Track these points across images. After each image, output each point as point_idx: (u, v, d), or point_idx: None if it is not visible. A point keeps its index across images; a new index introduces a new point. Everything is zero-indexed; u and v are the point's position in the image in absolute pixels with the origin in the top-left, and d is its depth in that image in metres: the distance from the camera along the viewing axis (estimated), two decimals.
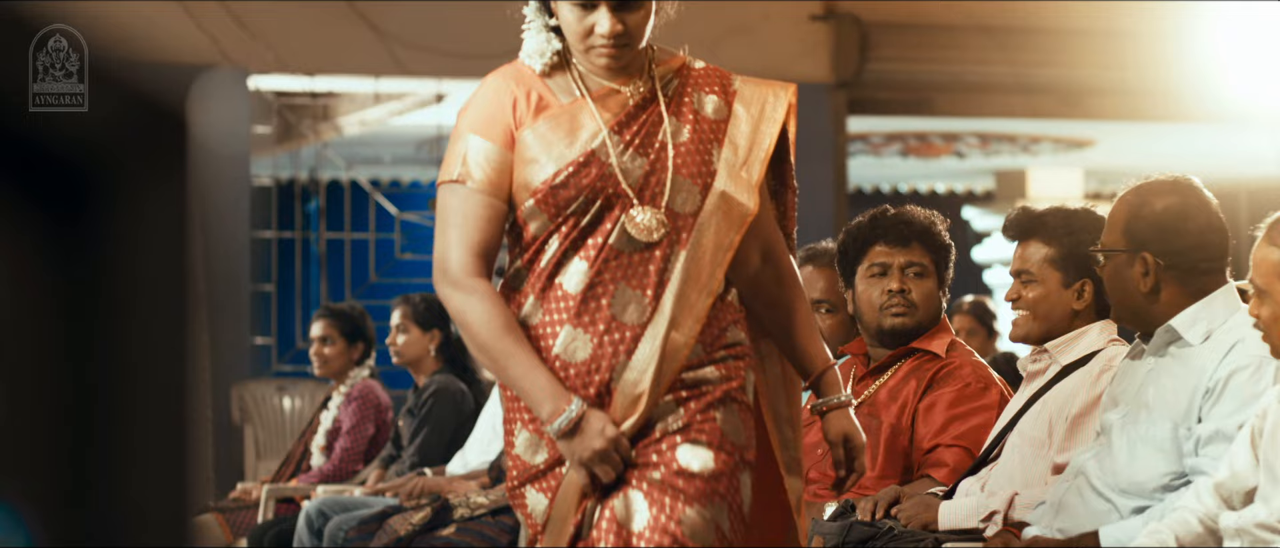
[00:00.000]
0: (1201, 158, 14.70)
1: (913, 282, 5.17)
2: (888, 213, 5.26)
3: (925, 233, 5.21)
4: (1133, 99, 12.81)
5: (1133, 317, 4.34)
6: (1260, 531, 3.81)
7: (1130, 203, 4.32)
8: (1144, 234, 4.28)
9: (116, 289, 1.27)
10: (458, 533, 6.76)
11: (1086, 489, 4.26)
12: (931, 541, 4.51)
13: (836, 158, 12.44)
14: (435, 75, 12.23)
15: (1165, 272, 4.26)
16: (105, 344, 1.26)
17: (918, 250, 5.19)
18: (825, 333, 5.59)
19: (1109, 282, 4.36)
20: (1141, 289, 4.27)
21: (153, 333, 1.29)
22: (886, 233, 5.20)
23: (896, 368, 5.18)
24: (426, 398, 7.83)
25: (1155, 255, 4.26)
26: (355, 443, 8.16)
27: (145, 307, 1.29)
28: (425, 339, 7.95)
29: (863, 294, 5.21)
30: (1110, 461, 4.24)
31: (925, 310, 5.18)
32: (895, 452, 5.06)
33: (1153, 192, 4.32)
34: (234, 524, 8.03)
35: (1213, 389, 4.12)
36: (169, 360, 1.30)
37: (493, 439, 7.40)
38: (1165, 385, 4.21)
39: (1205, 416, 4.13)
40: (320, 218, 14.82)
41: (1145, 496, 4.16)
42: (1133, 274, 4.28)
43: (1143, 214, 4.29)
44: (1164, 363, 4.26)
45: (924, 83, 12.91)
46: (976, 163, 17.27)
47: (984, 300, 10.29)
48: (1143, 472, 4.18)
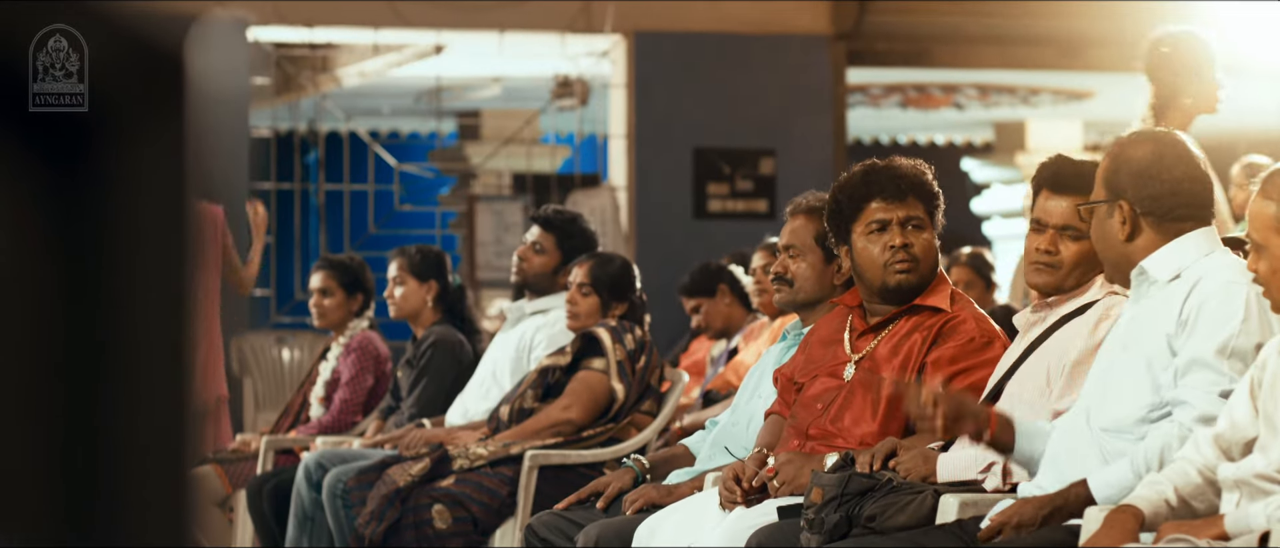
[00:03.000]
0: None
1: (913, 235, 5.15)
2: (877, 167, 5.21)
3: (919, 185, 5.20)
4: (1132, 50, 12.77)
5: (1115, 268, 4.39)
6: (1259, 481, 3.81)
7: (1112, 155, 4.39)
8: (1122, 183, 4.33)
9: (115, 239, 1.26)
10: (457, 484, 6.76)
11: (1071, 436, 4.30)
12: (930, 492, 4.52)
13: (836, 110, 12.43)
14: (434, 27, 12.21)
15: (1141, 217, 4.30)
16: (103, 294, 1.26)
17: (914, 203, 5.17)
18: (810, 281, 5.58)
19: (1094, 237, 4.41)
20: (1119, 237, 4.31)
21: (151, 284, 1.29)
22: (883, 188, 5.15)
23: (896, 323, 5.17)
24: (425, 349, 7.84)
25: (1131, 202, 4.30)
26: (354, 394, 8.16)
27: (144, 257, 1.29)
28: (422, 291, 7.95)
29: (863, 251, 5.16)
30: (1089, 403, 4.29)
31: (927, 263, 5.17)
32: (897, 407, 5.06)
33: (1132, 143, 4.40)
34: (233, 476, 8.05)
35: (1185, 322, 4.15)
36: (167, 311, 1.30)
37: (492, 387, 7.41)
38: (1139, 326, 4.26)
39: (1179, 349, 4.17)
40: (319, 169, 14.81)
41: (1126, 431, 4.20)
42: (1112, 224, 4.32)
43: (1120, 165, 4.36)
44: (1141, 309, 4.30)
45: (923, 34, 12.89)
46: (976, 114, 17.25)
47: (982, 252, 10.28)
48: (1120, 407, 4.22)
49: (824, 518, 4.50)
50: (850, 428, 5.07)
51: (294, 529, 7.35)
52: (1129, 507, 3.93)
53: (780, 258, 5.68)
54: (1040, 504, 4.17)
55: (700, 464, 5.68)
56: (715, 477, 5.24)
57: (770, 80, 12.28)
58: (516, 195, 14.90)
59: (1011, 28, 12.79)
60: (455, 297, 8.04)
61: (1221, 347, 4.11)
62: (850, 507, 4.51)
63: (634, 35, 12.21)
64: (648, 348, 6.95)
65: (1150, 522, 3.91)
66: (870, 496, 4.52)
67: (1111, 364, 4.31)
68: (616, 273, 6.98)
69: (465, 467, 6.80)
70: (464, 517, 6.75)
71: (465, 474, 6.79)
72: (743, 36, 12.26)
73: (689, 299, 8.93)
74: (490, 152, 15.20)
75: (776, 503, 4.85)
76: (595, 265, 6.99)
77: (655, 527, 5.12)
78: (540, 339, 7.36)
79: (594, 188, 12.83)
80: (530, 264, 7.41)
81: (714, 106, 12.27)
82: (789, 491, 4.90)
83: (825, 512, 4.50)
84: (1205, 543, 3.73)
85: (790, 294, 5.65)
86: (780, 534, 4.66)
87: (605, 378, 6.85)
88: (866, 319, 5.23)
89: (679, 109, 12.24)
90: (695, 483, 5.44)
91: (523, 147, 15.07)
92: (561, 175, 15.05)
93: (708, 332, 8.96)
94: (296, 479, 7.37)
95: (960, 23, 12.82)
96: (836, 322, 5.32)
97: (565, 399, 6.85)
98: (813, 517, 4.52)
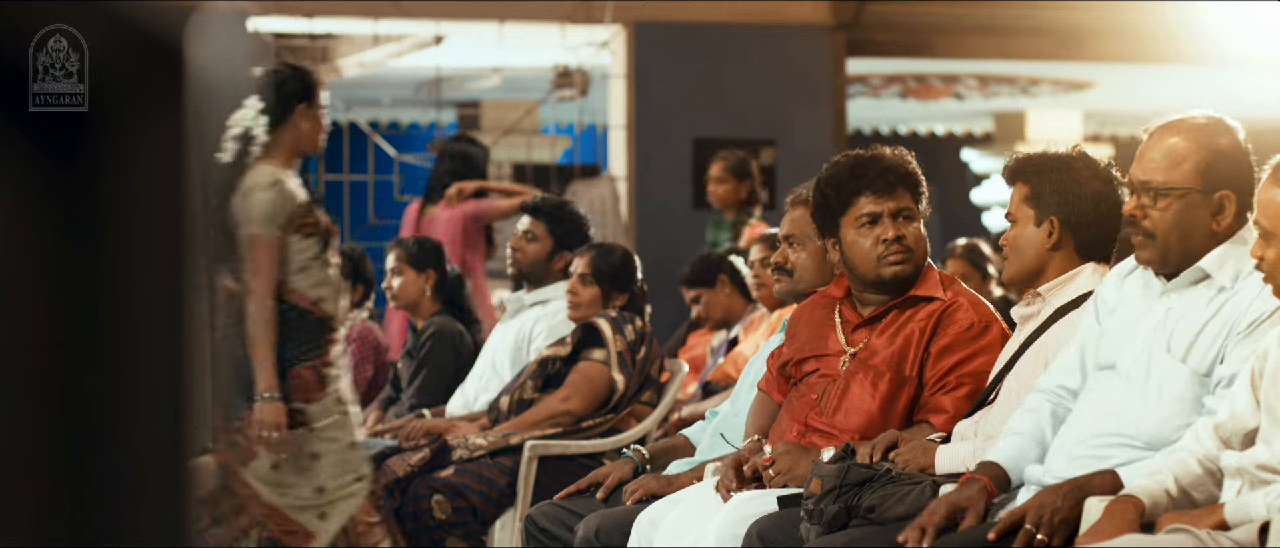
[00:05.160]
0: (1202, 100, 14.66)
1: (904, 226, 5.15)
2: (864, 159, 5.18)
3: (908, 177, 5.19)
4: (1132, 41, 12.78)
5: (1181, 255, 4.22)
6: (1261, 471, 3.81)
7: (1197, 140, 4.26)
8: (1225, 172, 4.23)
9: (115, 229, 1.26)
10: (456, 474, 6.77)
11: (1100, 434, 4.22)
12: (929, 483, 4.52)
13: (836, 100, 12.42)
14: (434, 17, 12.21)
15: (1236, 216, 4.21)
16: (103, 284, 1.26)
17: (902, 194, 5.16)
18: (810, 270, 5.58)
19: (1171, 221, 4.23)
20: (1209, 228, 4.22)
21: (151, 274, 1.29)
22: (872, 182, 5.13)
23: (891, 315, 5.17)
24: (425, 339, 7.84)
25: (1238, 198, 4.20)
26: (354, 384, 8.17)
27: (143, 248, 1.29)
28: (421, 280, 7.96)
29: (854, 245, 5.14)
30: (1126, 403, 4.22)
31: (919, 252, 5.17)
32: (896, 399, 5.06)
33: (1213, 131, 4.27)
34: None
35: (1244, 331, 4.08)
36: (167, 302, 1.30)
37: (492, 378, 7.41)
38: (1188, 331, 4.17)
39: (1228, 354, 4.10)
40: (319, 160, 14.80)
41: (1164, 446, 4.12)
42: (1203, 214, 4.22)
43: (1222, 159, 4.23)
44: (1185, 302, 4.22)
45: (923, 24, 12.88)
46: (976, 105, 17.25)
47: (977, 243, 10.28)
48: (1165, 423, 4.14)
49: (823, 509, 4.50)
50: (847, 420, 5.07)
51: None
52: (1129, 497, 3.93)
53: (780, 248, 5.67)
54: (1067, 491, 4.10)
55: (700, 455, 5.68)
56: (715, 467, 5.24)
57: (770, 71, 12.28)
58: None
59: (1011, 18, 12.78)
60: (454, 286, 8.05)
61: None
62: (849, 498, 4.51)
63: (634, 26, 12.21)
64: (648, 339, 6.95)
65: (1150, 512, 3.90)
66: (869, 486, 4.52)
67: (1153, 365, 4.20)
68: (618, 263, 6.99)
69: (465, 457, 6.81)
70: (463, 507, 6.76)
71: (465, 465, 6.80)
72: (743, 27, 12.25)
73: (689, 290, 8.93)
74: (490, 142, 15.19)
75: (777, 493, 4.85)
76: (597, 256, 7.00)
77: (655, 517, 5.12)
78: (540, 330, 7.37)
79: (594, 178, 12.83)
80: (524, 254, 7.42)
81: (714, 97, 12.27)
82: (785, 481, 4.90)
83: (824, 503, 4.50)
84: (1205, 533, 3.73)
85: (791, 284, 5.65)
86: (781, 524, 4.66)
87: (605, 369, 6.86)
88: (859, 311, 5.22)
89: (679, 100, 12.24)
90: (695, 474, 5.44)
91: (522, 137, 15.07)
92: (561, 166, 15.04)
93: (707, 323, 8.96)
94: None
95: (960, 13, 12.81)
96: (822, 312, 5.31)
97: (565, 390, 6.86)
98: (812, 508, 4.52)
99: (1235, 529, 3.74)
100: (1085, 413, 4.30)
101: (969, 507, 4.22)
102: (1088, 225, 4.72)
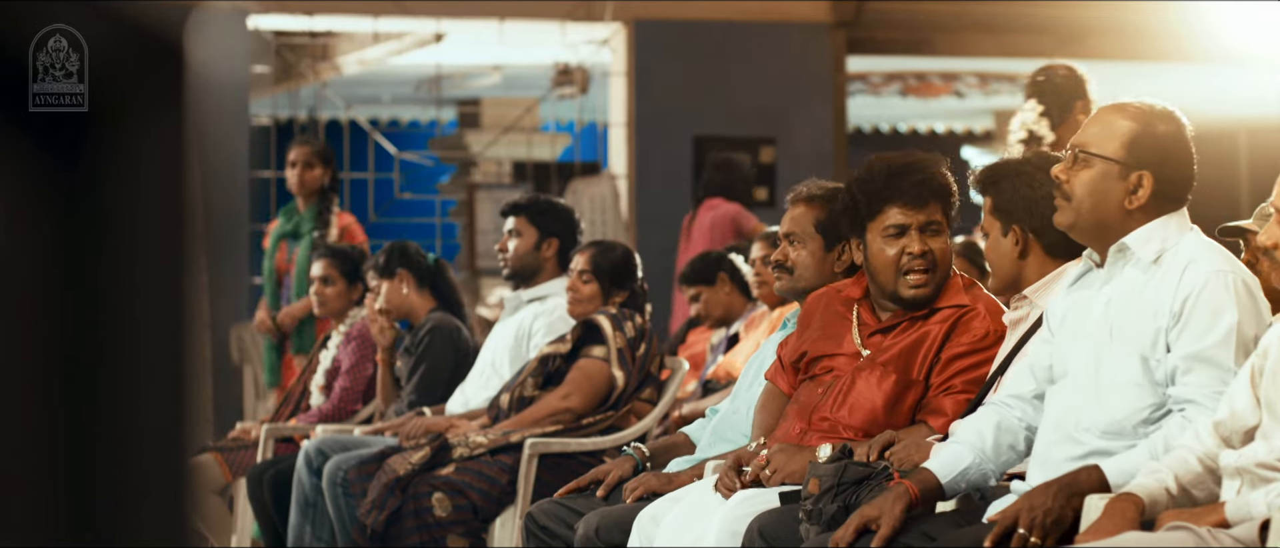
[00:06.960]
0: (1201, 98, 14.68)
1: (931, 240, 5.10)
2: (899, 169, 5.11)
3: (941, 189, 5.13)
4: (1132, 39, 12.78)
5: (1097, 234, 4.29)
6: (1261, 469, 3.81)
7: (1137, 122, 4.29)
8: (1146, 156, 4.27)
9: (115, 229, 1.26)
10: (457, 472, 6.77)
11: (1065, 441, 4.25)
12: None
13: (836, 98, 12.43)
14: (434, 15, 12.21)
15: (1154, 194, 4.26)
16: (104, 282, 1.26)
17: (934, 207, 5.11)
18: (810, 268, 5.58)
19: (1084, 193, 4.29)
20: (1123, 205, 4.26)
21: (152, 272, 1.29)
22: (905, 194, 5.07)
23: (906, 322, 5.15)
24: (423, 336, 7.83)
25: (1154, 176, 4.26)
26: (354, 383, 8.16)
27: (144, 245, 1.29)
28: (398, 285, 7.87)
29: (878, 253, 5.09)
30: (1081, 401, 4.25)
31: (943, 268, 5.13)
32: (902, 399, 5.06)
33: (1159, 117, 4.31)
34: (233, 464, 8.05)
35: (1177, 315, 4.13)
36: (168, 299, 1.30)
37: (492, 376, 7.41)
38: (1125, 313, 4.23)
39: (1173, 344, 4.14)
40: None
41: (1129, 435, 4.17)
42: (1119, 188, 4.27)
43: (1146, 137, 4.27)
44: (1120, 292, 4.26)
45: (923, 22, 12.89)
46: (976, 103, 17.25)
47: (975, 241, 10.27)
48: (1120, 409, 4.19)
49: (821, 509, 4.50)
50: (851, 416, 5.07)
51: (297, 516, 7.35)
52: (1129, 495, 3.93)
53: (781, 246, 5.67)
54: (1056, 491, 4.11)
55: (700, 452, 5.68)
56: (716, 464, 5.24)
57: (770, 69, 12.28)
58: (517, 183, 14.91)
59: (1012, 16, 12.79)
60: (436, 272, 7.98)
61: (1221, 340, 4.10)
62: (847, 496, 4.52)
63: (634, 24, 12.21)
64: (648, 336, 6.95)
65: (1150, 510, 3.90)
66: (866, 484, 4.53)
67: (1100, 358, 4.26)
68: (618, 260, 6.99)
69: (465, 455, 6.81)
70: (464, 505, 6.76)
71: (465, 463, 6.80)
72: (743, 25, 12.26)
73: (688, 288, 8.93)
74: (490, 140, 15.19)
75: (779, 489, 4.85)
76: (597, 253, 7.00)
77: (656, 515, 5.12)
78: (539, 327, 7.36)
79: (594, 176, 12.84)
80: (511, 250, 7.41)
81: (714, 95, 12.27)
82: (779, 480, 4.90)
83: (823, 502, 4.51)
84: (1206, 531, 3.74)
85: (791, 282, 5.64)
86: (782, 520, 4.66)
87: (605, 366, 6.86)
88: (877, 315, 5.19)
89: (679, 97, 12.25)
90: (695, 471, 5.43)
91: (523, 135, 15.08)
92: (561, 163, 15.05)
93: (707, 321, 8.95)
94: (297, 466, 7.37)
95: (960, 11, 12.81)
96: (839, 309, 5.29)
97: (565, 387, 6.86)
98: (810, 508, 4.52)
99: (1236, 527, 3.74)
100: (1047, 427, 4.34)
101: (882, 516, 4.27)
102: (1049, 226, 4.71)
